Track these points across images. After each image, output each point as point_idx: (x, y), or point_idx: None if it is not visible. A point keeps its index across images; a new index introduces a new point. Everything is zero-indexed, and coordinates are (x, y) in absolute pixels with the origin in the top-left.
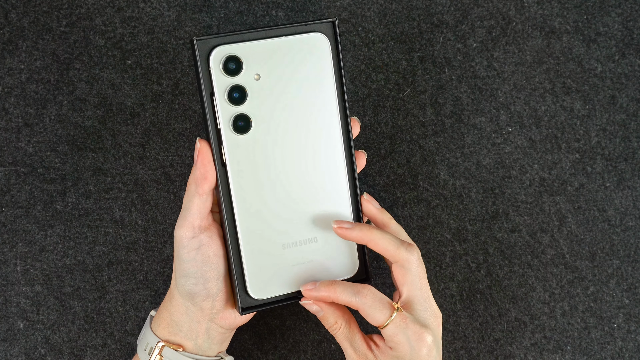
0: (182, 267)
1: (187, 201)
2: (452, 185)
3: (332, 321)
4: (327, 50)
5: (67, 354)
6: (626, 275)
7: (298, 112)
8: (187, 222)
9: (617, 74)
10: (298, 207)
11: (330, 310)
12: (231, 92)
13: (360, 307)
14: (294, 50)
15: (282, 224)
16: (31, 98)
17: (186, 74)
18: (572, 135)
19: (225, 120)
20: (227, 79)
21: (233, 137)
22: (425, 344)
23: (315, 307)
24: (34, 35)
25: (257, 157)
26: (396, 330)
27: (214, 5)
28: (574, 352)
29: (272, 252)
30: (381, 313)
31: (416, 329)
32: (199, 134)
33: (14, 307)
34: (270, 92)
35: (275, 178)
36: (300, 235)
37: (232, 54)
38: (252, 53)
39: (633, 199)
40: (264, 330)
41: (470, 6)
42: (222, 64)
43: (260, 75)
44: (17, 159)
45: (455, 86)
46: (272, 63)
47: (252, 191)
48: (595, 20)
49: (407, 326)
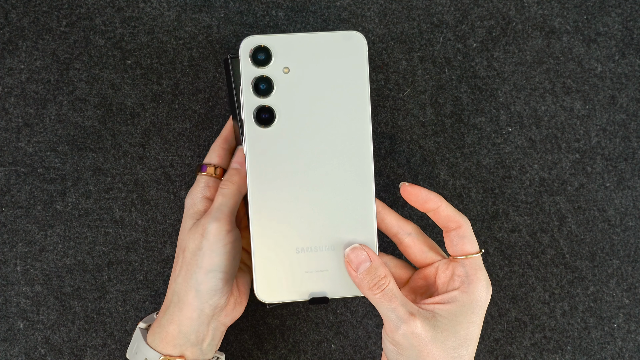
0: (213, 262)
1: (225, 196)
2: (452, 185)
3: (381, 273)
4: (364, 49)
5: (67, 354)
6: (626, 275)
7: (327, 111)
8: (227, 215)
9: (617, 74)
10: (317, 211)
11: (379, 261)
12: (257, 82)
13: (463, 225)
14: (329, 46)
15: (298, 227)
16: (31, 98)
17: (186, 74)
18: (572, 135)
19: (249, 111)
20: (255, 69)
21: (255, 129)
22: (490, 289)
23: (364, 255)
24: (34, 35)
25: (278, 152)
26: (480, 264)
27: (214, 5)
28: (574, 352)
29: (285, 254)
30: (475, 242)
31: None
32: (199, 134)
33: (14, 307)
34: (299, 86)
35: (295, 176)
36: (317, 241)
37: (262, 44)
38: (283, 45)
39: (633, 199)
40: (264, 330)
41: (470, 6)
42: (251, 53)
43: (290, 68)
44: (17, 159)
45: (455, 86)
46: (303, 57)
47: (269, 187)
48: (595, 20)
49: (484, 268)
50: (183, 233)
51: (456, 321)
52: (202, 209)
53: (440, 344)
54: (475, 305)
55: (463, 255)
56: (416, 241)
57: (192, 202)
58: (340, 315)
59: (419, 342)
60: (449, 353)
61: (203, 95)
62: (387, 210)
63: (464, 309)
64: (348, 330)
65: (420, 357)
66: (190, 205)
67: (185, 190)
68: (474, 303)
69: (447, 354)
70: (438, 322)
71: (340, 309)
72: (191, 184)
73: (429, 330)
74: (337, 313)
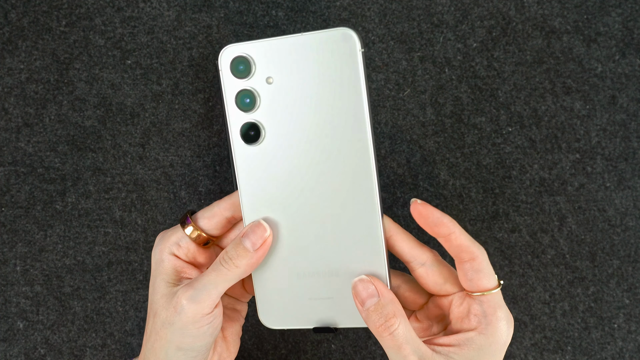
0: (185, 342)
1: (220, 277)
2: (452, 185)
3: (390, 312)
4: (356, 47)
5: (66, 354)
6: (626, 276)
7: (319, 121)
8: (212, 299)
9: (617, 73)
10: (316, 234)
11: (390, 296)
12: (240, 97)
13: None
14: (315, 49)
15: (297, 251)
16: (31, 98)
17: (186, 74)
18: (573, 135)
19: (235, 128)
20: (237, 82)
21: (243, 147)
22: (512, 328)
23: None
24: (33, 35)
25: (270, 171)
26: (500, 301)
27: (214, 5)
28: (574, 353)
29: (284, 280)
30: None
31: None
32: (199, 134)
33: (13, 307)
34: (285, 97)
35: (291, 196)
36: (318, 266)
37: (241, 54)
38: (264, 53)
39: (633, 199)
40: (264, 330)
41: (470, 6)
42: (230, 65)
43: (274, 78)
44: (17, 159)
45: (455, 86)
46: (287, 64)
47: (264, 209)
48: (595, 20)
49: (506, 306)
50: (155, 294)
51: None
52: (170, 268)
53: None
54: (494, 349)
55: (479, 291)
56: (430, 273)
57: (160, 258)
58: None
59: None
60: None
61: (203, 95)
62: (400, 235)
63: (482, 352)
64: (348, 330)
65: None
66: (158, 260)
67: (185, 190)
68: (493, 346)
69: None
70: None
71: None
72: (191, 183)
73: None
74: None
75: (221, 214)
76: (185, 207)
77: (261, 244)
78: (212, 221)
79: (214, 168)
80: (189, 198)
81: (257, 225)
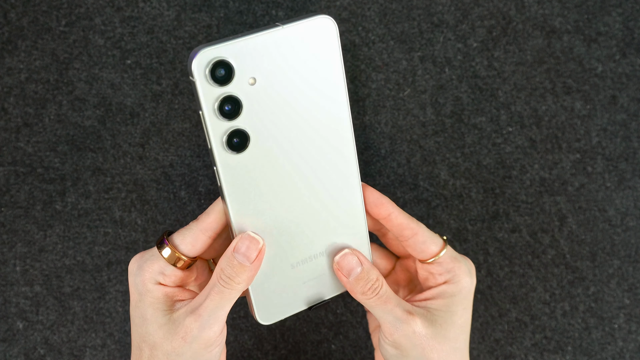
0: None
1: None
2: (452, 185)
3: (373, 277)
4: (334, 36)
5: (66, 355)
6: (627, 276)
7: (303, 118)
8: (221, 322)
9: (617, 73)
10: (305, 225)
11: (370, 263)
12: (222, 104)
13: (419, 231)
14: (295, 42)
15: (289, 244)
16: (30, 98)
17: (186, 73)
18: (573, 135)
19: (217, 137)
20: (217, 90)
21: (228, 156)
22: (474, 271)
23: (354, 260)
24: (33, 34)
25: (257, 176)
26: (453, 254)
27: (213, 5)
28: (574, 353)
29: (281, 274)
30: (436, 238)
31: (465, 257)
32: (199, 134)
33: (13, 308)
34: (270, 97)
35: (276, 196)
36: (310, 251)
37: (220, 58)
38: (244, 53)
39: (634, 199)
40: (264, 330)
41: (470, 6)
42: (208, 71)
43: (256, 78)
44: (17, 159)
45: (455, 86)
46: (269, 61)
47: (253, 215)
48: (595, 19)
49: (459, 255)
50: (147, 324)
51: (451, 312)
52: (161, 296)
53: (441, 337)
54: (464, 292)
55: (432, 257)
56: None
57: (145, 289)
58: (340, 316)
59: (421, 340)
60: (451, 345)
61: None
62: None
63: (455, 299)
64: (348, 330)
65: (424, 355)
66: (143, 291)
67: (185, 190)
68: (463, 291)
69: (449, 347)
70: (435, 317)
71: (340, 309)
72: (191, 183)
73: (428, 327)
74: (337, 313)
75: (203, 236)
76: (185, 207)
77: (257, 256)
78: (195, 247)
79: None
80: (189, 198)
81: (249, 239)
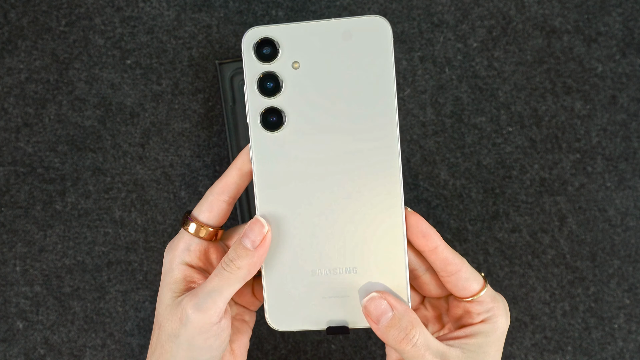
0: (191, 356)
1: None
2: (452, 185)
3: (407, 324)
4: (388, 37)
5: (66, 355)
6: (627, 276)
7: (345, 112)
8: (218, 306)
9: (617, 73)
10: (335, 229)
11: (404, 308)
12: (263, 80)
13: (463, 267)
14: (345, 36)
15: (313, 247)
16: (30, 98)
17: (186, 73)
18: (573, 135)
19: (254, 113)
20: (260, 65)
21: (262, 133)
22: (508, 310)
23: (384, 305)
24: (33, 34)
25: (289, 160)
26: (492, 293)
27: (213, 5)
28: (574, 353)
29: (299, 277)
30: (478, 276)
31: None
32: (199, 134)
33: (13, 308)
34: (313, 84)
35: (309, 188)
36: (335, 262)
37: (266, 36)
38: (291, 36)
39: (634, 199)
40: (264, 330)
41: (470, 6)
42: (254, 46)
43: (300, 63)
44: (17, 159)
45: (455, 86)
46: (316, 50)
47: (279, 200)
48: (596, 19)
49: (496, 292)
50: (160, 305)
51: (484, 352)
52: (180, 277)
53: None
54: (499, 333)
55: (472, 296)
56: (434, 279)
57: (169, 268)
58: None
59: None
60: None
61: (203, 95)
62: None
63: (490, 339)
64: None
65: None
66: (167, 271)
67: (185, 190)
68: (498, 331)
69: None
70: (468, 358)
71: None
72: (191, 183)
73: None
74: None
75: (218, 200)
76: (185, 207)
77: (260, 242)
78: (212, 212)
79: (214, 168)
80: (188, 198)
81: (255, 222)
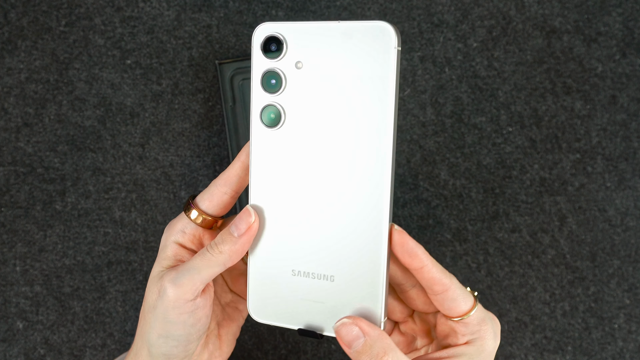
0: (165, 328)
1: (204, 261)
2: (453, 185)
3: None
4: (393, 44)
5: (66, 355)
6: (627, 276)
7: (342, 116)
8: (194, 284)
9: (617, 73)
10: (318, 233)
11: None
12: (266, 76)
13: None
14: (350, 39)
15: (296, 246)
16: (30, 98)
17: (186, 73)
18: (573, 135)
19: (256, 108)
20: (265, 61)
21: (261, 128)
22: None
23: (355, 330)
24: (33, 34)
25: (283, 158)
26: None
27: (213, 5)
28: (574, 353)
29: (280, 275)
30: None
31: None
32: (199, 134)
33: (13, 308)
34: (314, 85)
35: (300, 189)
36: (315, 266)
37: (273, 34)
38: (297, 35)
39: (634, 199)
40: (264, 330)
41: (470, 6)
42: (262, 43)
43: (303, 63)
44: (17, 159)
45: (455, 86)
46: (320, 51)
47: (270, 196)
48: (596, 19)
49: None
50: (149, 278)
51: None
52: (170, 255)
53: None
54: (485, 356)
55: (460, 316)
56: (421, 294)
57: (164, 244)
58: None
59: None
60: None
61: (203, 95)
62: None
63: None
64: None
65: None
66: (162, 247)
67: (185, 190)
68: (483, 354)
69: None
70: None
71: None
72: (191, 183)
73: None
74: None
75: (219, 192)
76: None
77: (245, 230)
78: (212, 202)
79: (214, 168)
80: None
81: (244, 212)
